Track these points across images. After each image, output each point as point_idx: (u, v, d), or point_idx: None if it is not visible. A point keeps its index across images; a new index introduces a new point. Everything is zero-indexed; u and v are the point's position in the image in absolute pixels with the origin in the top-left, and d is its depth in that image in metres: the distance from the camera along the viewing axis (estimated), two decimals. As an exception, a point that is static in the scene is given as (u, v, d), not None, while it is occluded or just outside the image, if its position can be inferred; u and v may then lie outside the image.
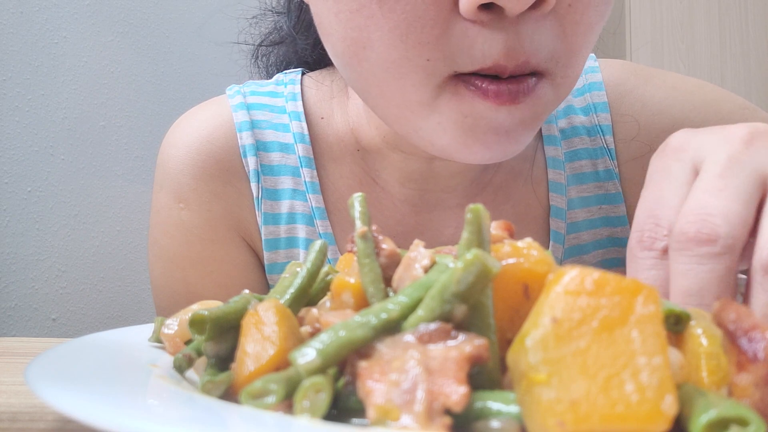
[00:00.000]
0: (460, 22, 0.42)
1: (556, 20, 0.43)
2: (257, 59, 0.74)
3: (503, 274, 0.26)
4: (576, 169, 0.64)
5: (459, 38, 0.42)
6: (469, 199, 0.63)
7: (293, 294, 0.32)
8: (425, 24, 0.41)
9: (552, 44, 0.43)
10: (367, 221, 0.31)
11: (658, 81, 0.64)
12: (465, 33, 0.42)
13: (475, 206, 0.26)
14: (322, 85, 0.65)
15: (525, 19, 0.41)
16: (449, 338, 0.24)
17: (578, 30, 0.44)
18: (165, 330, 0.36)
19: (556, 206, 0.63)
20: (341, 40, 0.46)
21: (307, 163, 0.62)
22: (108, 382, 0.27)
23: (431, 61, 0.43)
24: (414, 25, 0.42)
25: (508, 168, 0.64)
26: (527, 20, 0.42)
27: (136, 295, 1.38)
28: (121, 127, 1.37)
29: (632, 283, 0.22)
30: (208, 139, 0.62)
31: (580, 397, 0.20)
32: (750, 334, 0.24)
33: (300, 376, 0.24)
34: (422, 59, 0.43)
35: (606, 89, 0.65)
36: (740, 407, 0.21)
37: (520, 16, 0.41)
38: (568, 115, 0.65)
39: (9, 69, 1.28)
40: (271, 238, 0.63)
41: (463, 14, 0.41)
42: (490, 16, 0.41)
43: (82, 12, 1.34)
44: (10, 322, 1.28)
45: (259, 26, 0.73)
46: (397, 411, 0.22)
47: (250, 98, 0.65)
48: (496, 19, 0.41)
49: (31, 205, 1.30)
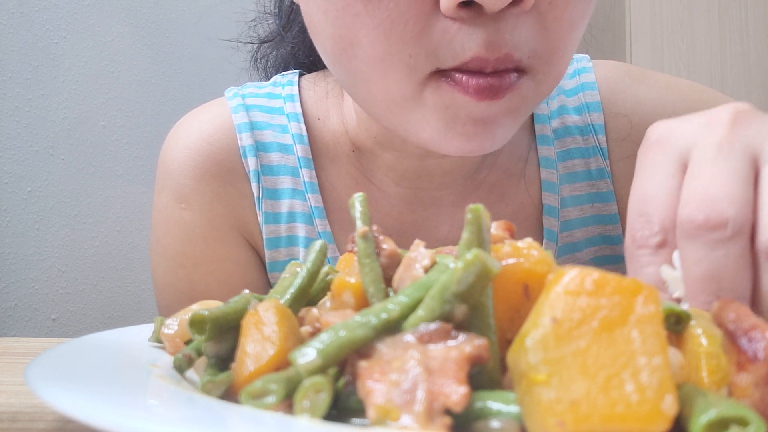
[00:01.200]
0: (441, 20, 0.43)
1: (537, 17, 0.44)
2: (257, 61, 0.75)
3: (503, 274, 0.26)
4: (569, 169, 0.65)
5: (440, 35, 0.43)
6: (463, 197, 0.63)
7: (293, 294, 0.32)
8: (407, 21, 0.43)
9: (533, 40, 0.44)
10: (368, 221, 0.31)
11: (651, 81, 0.65)
12: (446, 30, 0.43)
13: (475, 206, 0.26)
14: (318, 86, 0.66)
15: (505, 16, 0.42)
16: (449, 338, 0.24)
17: (560, 27, 0.45)
18: (165, 330, 0.36)
19: (549, 205, 0.64)
20: (329, 38, 0.47)
21: (305, 163, 0.63)
22: (108, 382, 0.27)
23: (413, 56, 0.44)
24: (397, 22, 0.43)
25: (501, 167, 0.64)
26: (507, 17, 0.43)
27: (136, 295, 1.38)
28: (121, 127, 1.37)
29: (632, 283, 0.22)
30: (208, 140, 0.63)
31: (580, 397, 0.20)
32: (750, 334, 0.24)
33: (300, 376, 0.24)
34: (405, 55, 0.44)
35: (599, 89, 0.66)
36: (740, 407, 0.21)
37: (499, 13, 0.42)
38: (562, 115, 0.66)
39: (9, 69, 1.28)
40: (272, 237, 0.64)
41: (443, 12, 0.42)
42: (470, 13, 0.42)
43: (82, 12, 1.34)
44: (10, 322, 1.28)
45: (257, 29, 0.74)
46: (397, 411, 0.22)
47: (248, 100, 0.66)
48: (475, 15, 0.42)
49: (31, 205, 1.30)
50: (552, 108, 0.66)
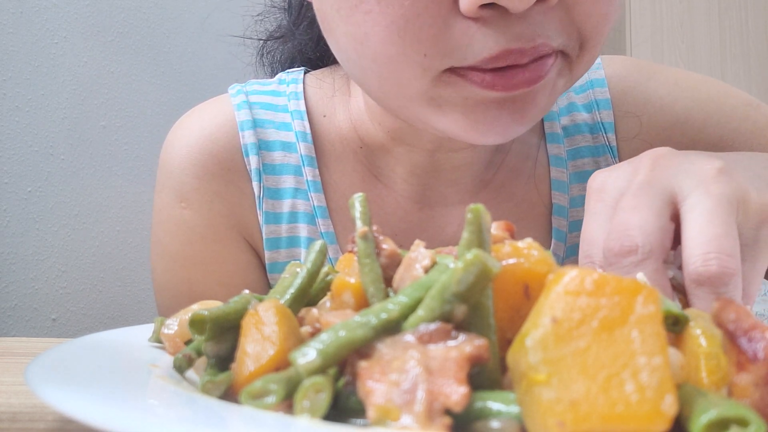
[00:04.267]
0: (460, 20, 0.42)
1: (564, 13, 0.43)
2: (262, 57, 0.74)
3: (503, 274, 0.26)
4: (578, 167, 0.64)
5: (459, 36, 0.42)
6: (471, 196, 0.63)
7: (293, 294, 0.32)
8: (424, 22, 0.42)
9: (563, 34, 0.43)
10: (368, 221, 0.31)
11: (661, 77, 0.64)
12: (465, 31, 0.42)
13: (475, 206, 0.26)
14: (324, 83, 0.65)
15: (530, 13, 0.41)
16: (449, 338, 0.24)
17: (591, 21, 0.44)
18: (165, 330, 0.36)
19: (559, 204, 0.63)
20: (342, 35, 0.46)
21: (309, 161, 0.62)
22: (108, 382, 0.27)
23: (428, 56, 0.43)
24: (413, 22, 0.42)
25: (510, 166, 0.64)
26: (533, 14, 0.41)
27: (136, 295, 1.38)
28: (121, 127, 1.36)
29: (632, 283, 0.22)
30: (210, 138, 0.62)
31: (580, 397, 0.20)
32: (750, 333, 0.24)
33: (300, 376, 0.24)
34: (419, 55, 0.43)
35: (609, 86, 0.65)
36: (740, 407, 0.21)
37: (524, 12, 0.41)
38: (571, 112, 0.65)
39: (9, 69, 1.28)
40: (272, 238, 0.63)
41: (464, 12, 0.41)
42: (492, 13, 0.41)
43: (82, 12, 1.34)
44: (10, 322, 1.28)
45: (264, 23, 0.73)
46: (397, 411, 0.22)
47: (252, 97, 0.65)
48: (497, 15, 0.41)
49: (31, 205, 1.29)
50: (561, 105, 0.66)
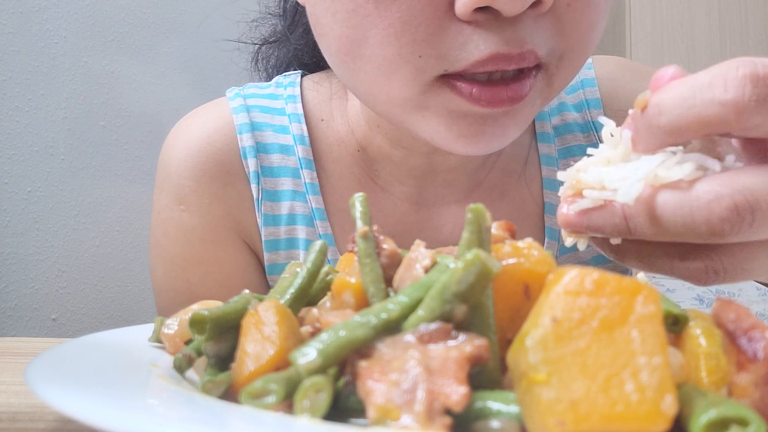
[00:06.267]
0: (455, 23, 0.42)
1: (555, 19, 0.43)
2: (257, 62, 0.75)
3: (504, 274, 0.26)
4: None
5: (453, 37, 0.43)
6: (465, 196, 0.63)
7: (293, 294, 0.32)
8: (420, 23, 0.42)
9: (552, 40, 0.44)
10: (369, 221, 0.31)
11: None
12: (459, 32, 0.43)
13: (475, 206, 0.26)
14: (321, 86, 0.66)
15: (522, 18, 0.42)
16: (449, 338, 0.24)
17: (580, 29, 0.45)
18: (165, 330, 0.36)
19: (551, 203, 0.64)
20: (337, 39, 0.47)
21: (306, 164, 0.63)
22: (108, 382, 0.27)
23: (423, 57, 0.44)
24: (409, 24, 0.43)
25: (502, 166, 0.64)
26: (525, 18, 0.42)
27: (136, 295, 1.38)
28: (121, 127, 1.36)
29: (632, 283, 0.22)
30: (208, 141, 0.63)
31: (580, 397, 0.20)
32: (750, 333, 0.24)
33: (300, 376, 0.24)
34: (414, 56, 0.44)
35: (599, 86, 0.66)
36: (740, 407, 0.21)
37: (517, 16, 0.42)
38: (561, 112, 0.66)
39: (9, 69, 1.28)
40: (271, 239, 0.63)
41: (459, 15, 0.42)
42: (486, 16, 0.42)
43: (82, 12, 1.34)
44: (10, 322, 1.28)
45: (259, 29, 0.74)
46: (397, 411, 0.22)
47: (250, 100, 0.65)
48: (491, 18, 0.42)
49: (31, 205, 1.29)
50: (552, 105, 0.66)
